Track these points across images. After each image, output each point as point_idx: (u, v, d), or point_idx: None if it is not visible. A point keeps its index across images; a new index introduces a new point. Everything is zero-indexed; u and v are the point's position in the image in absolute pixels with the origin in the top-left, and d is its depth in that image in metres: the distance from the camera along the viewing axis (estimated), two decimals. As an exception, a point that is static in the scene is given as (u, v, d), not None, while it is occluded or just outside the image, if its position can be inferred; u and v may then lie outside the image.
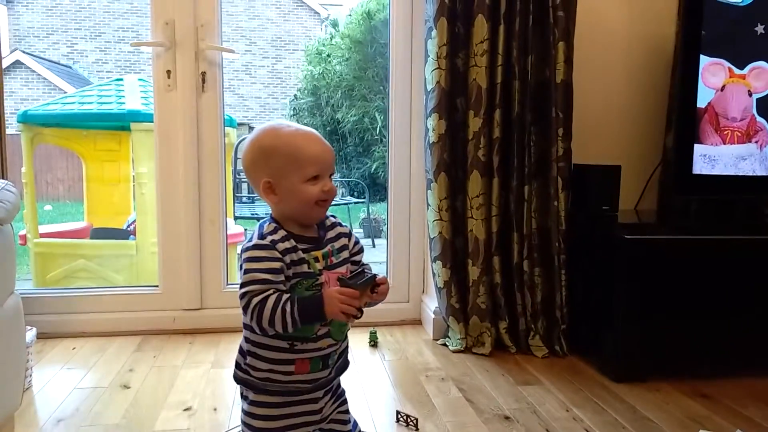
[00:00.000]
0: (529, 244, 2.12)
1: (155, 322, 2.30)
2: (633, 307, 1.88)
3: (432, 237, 2.18)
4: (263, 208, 5.05)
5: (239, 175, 5.20)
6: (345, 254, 1.09)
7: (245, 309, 0.98)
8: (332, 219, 1.13)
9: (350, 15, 11.10)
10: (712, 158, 2.14)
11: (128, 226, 3.26)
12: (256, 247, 1.00)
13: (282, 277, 0.99)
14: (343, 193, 7.76)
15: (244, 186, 5.54)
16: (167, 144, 2.29)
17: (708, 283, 1.91)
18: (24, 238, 2.95)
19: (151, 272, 2.78)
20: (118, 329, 2.27)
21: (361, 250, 1.14)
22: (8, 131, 2.20)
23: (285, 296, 0.97)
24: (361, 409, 1.68)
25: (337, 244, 1.08)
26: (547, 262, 2.14)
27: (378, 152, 9.63)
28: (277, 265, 0.98)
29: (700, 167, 2.11)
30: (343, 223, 1.14)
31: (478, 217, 2.10)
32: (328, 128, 10.06)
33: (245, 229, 4.54)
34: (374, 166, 9.54)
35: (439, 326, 2.27)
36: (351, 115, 9.86)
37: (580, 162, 2.14)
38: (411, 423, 1.58)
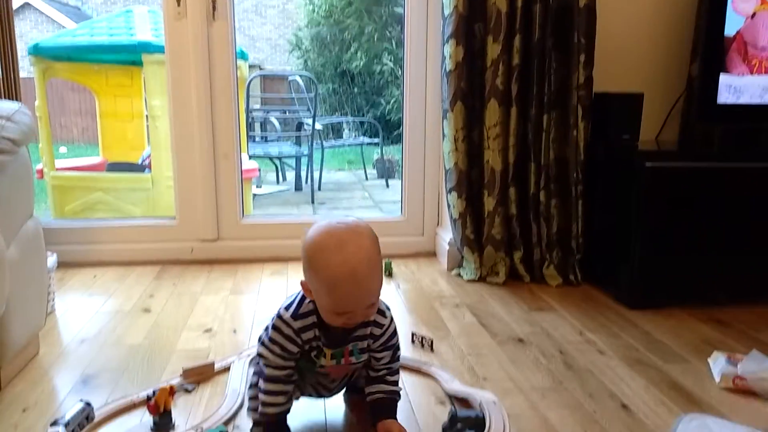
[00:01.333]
0: (546, 174, 2.09)
1: (173, 253, 2.34)
2: (650, 236, 1.87)
3: (447, 168, 2.15)
4: (277, 148, 5.03)
5: (251, 113, 5.15)
6: (364, 356, 1.14)
7: (258, 363, 1.12)
8: (374, 318, 1.11)
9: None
10: (738, 89, 2.07)
11: (143, 161, 3.27)
12: (287, 325, 1.07)
13: (294, 358, 1.10)
14: (356, 135, 7.70)
15: (257, 126, 5.50)
16: (179, 75, 2.26)
17: (727, 213, 1.88)
18: (41, 172, 2.97)
19: (167, 206, 2.80)
20: (137, 259, 2.31)
21: (384, 349, 1.14)
22: (22, 75, 2.19)
23: (272, 402, 1.09)
24: (377, 333, 1.71)
25: (361, 344, 1.12)
26: (564, 193, 2.12)
27: (391, 94, 9.48)
28: (294, 349, 1.08)
29: (725, 98, 2.05)
30: (383, 319, 1.13)
31: (495, 148, 2.07)
32: (338, 69, 9.87)
33: (259, 169, 4.55)
34: (387, 108, 9.41)
35: (453, 257, 2.29)
36: (362, 56, 9.66)
37: (601, 90, 2.09)
38: (426, 344, 1.61)
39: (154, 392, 1.19)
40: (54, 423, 1.12)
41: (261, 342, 1.10)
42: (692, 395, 1.37)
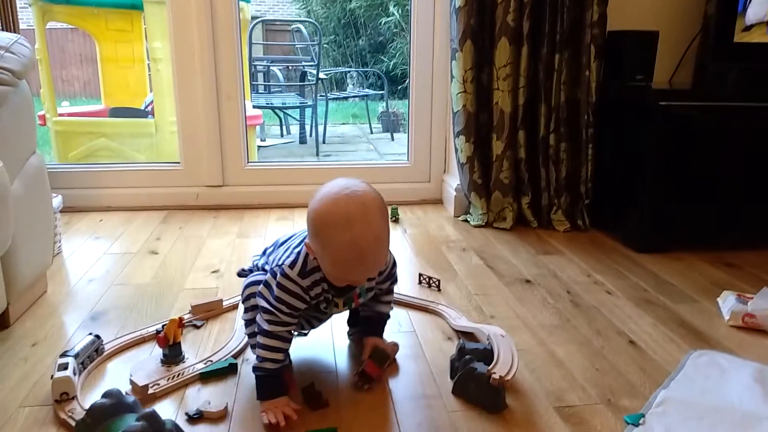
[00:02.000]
0: (556, 117, 2.05)
1: (179, 198, 2.33)
2: (661, 178, 1.84)
3: (455, 111, 2.11)
4: (280, 99, 4.96)
5: (254, 64, 5.06)
6: (372, 293, 1.16)
7: (262, 316, 1.06)
8: None
9: None
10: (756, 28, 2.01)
11: (146, 107, 3.23)
12: (294, 283, 1.04)
13: (298, 315, 1.07)
14: (363, 86, 7.58)
15: (260, 76, 5.41)
16: (180, 15, 2.19)
17: (740, 155, 1.85)
18: (43, 118, 2.94)
19: (171, 153, 2.77)
20: (143, 204, 2.30)
21: (386, 280, 1.18)
22: (21, 27, 2.14)
23: (272, 357, 1.05)
24: (384, 274, 1.71)
25: (368, 284, 1.13)
26: (574, 136, 2.08)
27: (396, 47, 9.29)
28: (302, 306, 1.06)
29: (741, 37, 1.99)
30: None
31: (505, 89, 2.02)
32: (342, 21, 9.64)
33: (263, 122, 4.49)
34: (392, 62, 9.23)
35: (460, 203, 2.27)
36: (367, 7, 9.40)
37: (615, 29, 2.02)
38: (433, 284, 1.61)
39: (163, 326, 1.19)
40: (63, 354, 1.13)
41: (266, 300, 1.05)
42: (701, 333, 1.37)
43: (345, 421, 1.03)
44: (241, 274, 1.22)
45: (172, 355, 1.19)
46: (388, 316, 1.23)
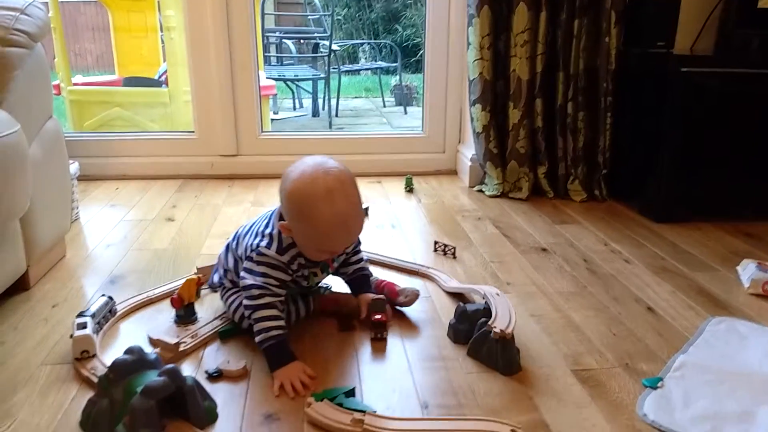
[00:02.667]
0: (575, 85, 2.02)
1: (194, 168, 2.33)
2: (681, 147, 1.81)
3: (471, 79, 2.08)
4: (292, 71, 4.92)
5: (266, 35, 5.01)
6: (342, 257, 1.23)
7: (251, 294, 1.08)
8: None
9: None
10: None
11: (160, 77, 3.22)
12: (275, 260, 1.09)
13: (286, 285, 1.12)
14: (376, 58, 7.49)
15: (273, 48, 5.36)
16: (194, -20, 2.17)
17: (763, 124, 1.81)
18: (57, 87, 2.94)
19: (185, 123, 2.77)
20: (158, 173, 2.30)
21: (355, 251, 1.26)
22: None
23: (274, 325, 1.06)
24: (398, 240, 1.70)
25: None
26: (593, 104, 2.05)
27: (409, 18, 9.15)
28: (287, 278, 1.11)
29: (765, 2, 1.93)
30: None
31: (522, 56, 1.99)
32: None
33: (276, 95, 4.47)
34: (405, 34, 9.11)
35: (475, 174, 2.25)
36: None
37: (636, -7, 1.98)
38: (449, 252, 1.60)
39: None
40: (80, 314, 1.14)
41: (253, 280, 1.08)
42: (720, 300, 1.36)
43: (363, 381, 1.04)
44: (213, 286, 1.28)
45: (186, 315, 1.20)
46: (368, 272, 1.29)
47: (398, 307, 1.28)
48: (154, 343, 1.14)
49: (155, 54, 3.37)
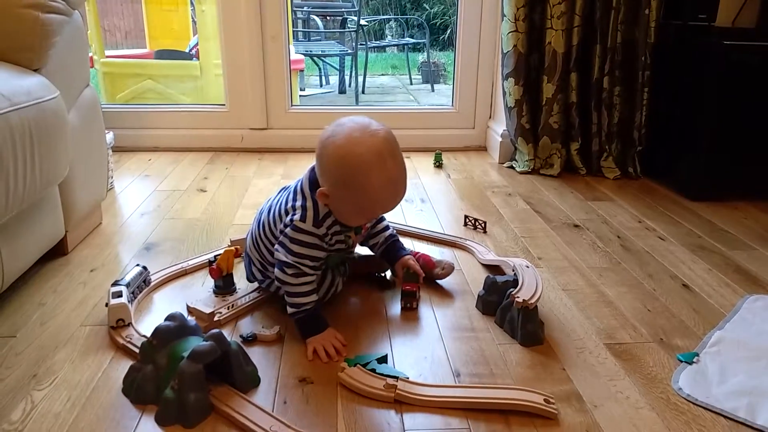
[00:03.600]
0: (612, 58, 1.97)
1: (224, 140, 2.34)
2: (720, 124, 1.76)
3: (505, 52, 2.05)
4: (319, 47, 4.90)
5: (295, 10, 4.99)
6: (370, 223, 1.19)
7: (284, 271, 1.05)
8: None
9: None
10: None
11: (190, 50, 3.24)
12: (311, 235, 1.05)
13: (320, 264, 1.09)
14: (403, 35, 7.41)
15: (300, 22, 5.34)
16: (225, -49, 2.16)
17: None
18: (91, 60, 2.97)
19: (216, 96, 2.79)
20: (190, 145, 2.32)
21: (385, 226, 1.25)
22: None
23: (308, 301, 1.06)
24: (428, 215, 1.70)
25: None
26: (630, 79, 2.00)
27: (438, -5, 9.00)
28: (322, 255, 1.08)
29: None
30: None
31: (559, 28, 1.94)
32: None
33: (303, 71, 4.46)
34: (432, 12, 8.98)
35: (505, 150, 2.22)
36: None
37: (678, -35, 1.91)
38: (479, 226, 1.59)
39: (215, 257, 1.21)
40: (114, 283, 1.15)
41: (285, 257, 1.05)
42: (758, 279, 1.33)
43: (395, 349, 1.05)
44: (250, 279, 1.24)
45: (225, 285, 1.20)
46: (396, 235, 1.26)
47: (435, 280, 1.28)
48: (190, 311, 1.15)
49: (186, 27, 3.38)
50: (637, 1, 1.92)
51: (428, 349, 1.05)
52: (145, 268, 1.24)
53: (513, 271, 1.23)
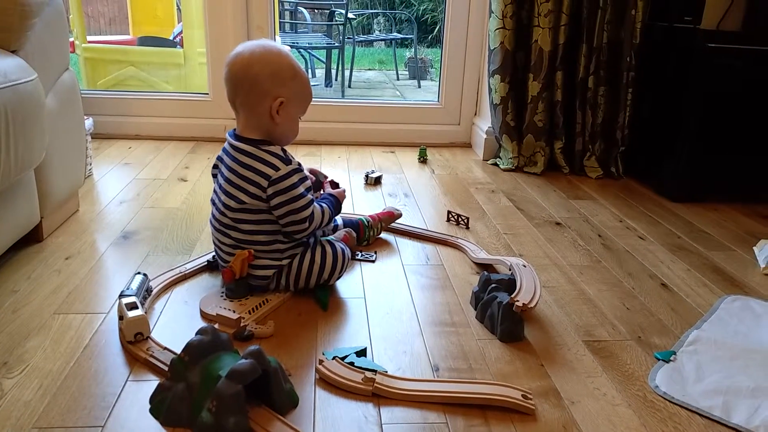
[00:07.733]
0: (597, 58, 1.98)
1: (207, 130, 2.31)
2: (702, 127, 1.77)
3: (492, 48, 2.04)
4: (305, 40, 4.86)
5: (282, 1, 4.95)
6: None
7: (309, 221, 1.12)
8: None
9: None
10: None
11: (174, 38, 3.19)
12: (297, 171, 1.11)
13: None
14: (391, 30, 7.39)
15: (287, 14, 5.29)
16: (212, -62, 2.13)
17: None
18: (72, 45, 2.92)
19: (200, 85, 2.75)
20: (172, 134, 2.29)
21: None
22: None
23: (324, 206, 1.18)
24: (411, 209, 1.69)
25: None
26: (615, 79, 2.01)
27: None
28: (309, 183, 1.17)
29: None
30: None
31: (545, 26, 1.95)
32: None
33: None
34: (421, 9, 8.97)
35: (490, 147, 2.22)
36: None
37: (664, -34, 1.92)
38: (462, 222, 1.59)
39: (214, 258, 1.20)
40: (122, 295, 1.06)
41: (303, 209, 1.11)
42: (735, 279, 1.35)
43: (375, 343, 1.04)
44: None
45: (238, 290, 1.13)
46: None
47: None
48: (210, 318, 1.08)
49: (170, 15, 3.33)
50: (624, 2, 1.93)
51: (408, 344, 1.04)
52: (145, 275, 1.14)
53: (510, 270, 1.23)
